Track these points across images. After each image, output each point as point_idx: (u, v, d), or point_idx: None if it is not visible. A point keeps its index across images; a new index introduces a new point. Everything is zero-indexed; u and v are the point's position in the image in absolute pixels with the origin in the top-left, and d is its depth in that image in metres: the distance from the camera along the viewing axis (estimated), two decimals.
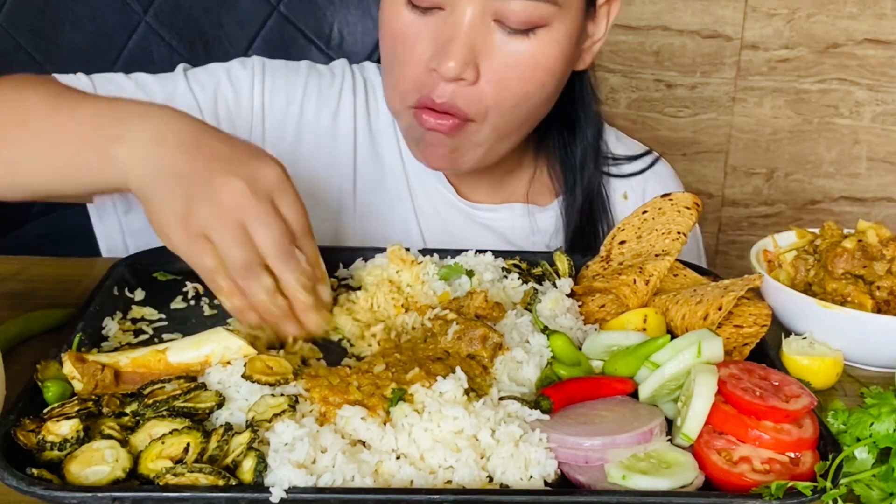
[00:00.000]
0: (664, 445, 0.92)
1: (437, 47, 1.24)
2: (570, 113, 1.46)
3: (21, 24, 1.95)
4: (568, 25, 1.27)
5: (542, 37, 1.25)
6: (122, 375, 0.97)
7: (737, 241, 2.86)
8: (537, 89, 1.29)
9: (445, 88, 1.26)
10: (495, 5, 1.22)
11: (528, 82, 1.27)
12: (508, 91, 1.27)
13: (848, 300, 1.17)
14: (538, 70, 1.27)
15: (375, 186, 1.48)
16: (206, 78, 1.45)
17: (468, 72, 1.24)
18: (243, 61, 1.48)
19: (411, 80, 1.28)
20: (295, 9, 1.98)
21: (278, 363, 0.96)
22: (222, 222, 0.97)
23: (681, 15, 2.62)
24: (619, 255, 1.26)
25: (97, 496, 0.81)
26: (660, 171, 1.56)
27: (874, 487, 0.92)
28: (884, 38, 2.63)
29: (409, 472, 0.86)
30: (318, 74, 1.50)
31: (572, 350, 1.04)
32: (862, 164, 2.77)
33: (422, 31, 1.25)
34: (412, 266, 1.18)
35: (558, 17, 1.25)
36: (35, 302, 1.19)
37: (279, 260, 0.98)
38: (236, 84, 1.45)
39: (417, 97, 1.29)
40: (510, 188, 1.51)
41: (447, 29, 1.23)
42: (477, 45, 1.24)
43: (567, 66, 1.33)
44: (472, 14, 1.22)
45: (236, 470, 0.85)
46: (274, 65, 1.49)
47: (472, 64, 1.24)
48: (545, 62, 1.27)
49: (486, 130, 1.30)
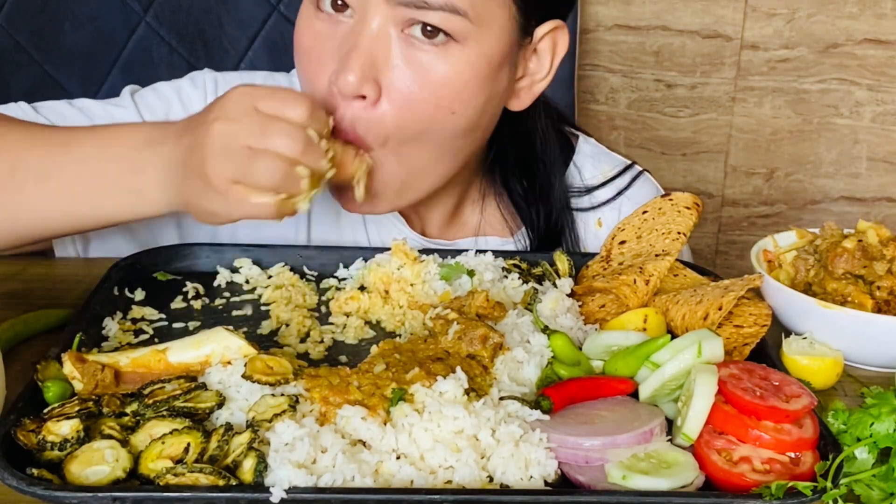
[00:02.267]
0: (664, 445, 0.92)
1: (339, 60, 1.14)
2: (525, 162, 1.38)
3: (21, 24, 1.95)
4: (486, 49, 1.15)
5: (452, 55, 1.13)
6: (122, 375, 0.97)
7: (737, 241, 2.86)
8: (446, 115, 1.15)
9: (346, 110, 1.14)
10: (401, 14, 1.11)
11: (434, 105, 1.14)
12: (412, 113, 1.14)
13: (848, 300, 1.17)
14: (445, 92, 1.14)
15: (331, 217, 1.40)
16: (156, 101, 1.37)
17: (367, 87, 1.12)
18: (194, 79, 1.40)
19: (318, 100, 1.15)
20: (295, 9, 1.97)
21: (278, 363, 0.96)
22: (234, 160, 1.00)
23: (681, 15, 2.62)
24: (620, 255, 1.26)
25: (97, 496, 0.81)
26: (634, 196, 1.44)
27: (874, 487, 0.92)
28: (884, 38, 2.63)
29: (409, 472, 0.86)
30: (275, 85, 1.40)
31: (573, 350, 1.04)
32: (862, 164, 2.77)
33: (327, 42, 1.15)
34: (415, 263, 1.18)
35: (472, 37, 1.13)
36: (35, 302, 1.19)
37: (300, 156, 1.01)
38: (188, 106, 1.37)
39: None
40: (461, 221, 1.43)
41: (350, 39, 1.13)
42: (379, 60, 1.12)
43: (487, 97, 1.18)
44: (377, 24, 1.12)
45: (236, 470, 0.85)
46: (227, 81, 1.40)
47: (373, 80, 1.12)
48: (454, 84, 1.14)
49: (389, 163, 1.17)
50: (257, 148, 0.99)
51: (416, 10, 1.11)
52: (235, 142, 0.99)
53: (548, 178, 1.40)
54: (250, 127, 1.00)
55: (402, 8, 1.11)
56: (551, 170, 1.40)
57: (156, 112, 1.36)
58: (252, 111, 1.01)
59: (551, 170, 1.40)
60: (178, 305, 1.17)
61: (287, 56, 2.04)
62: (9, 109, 1.30)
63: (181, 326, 1.13)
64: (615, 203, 1.45)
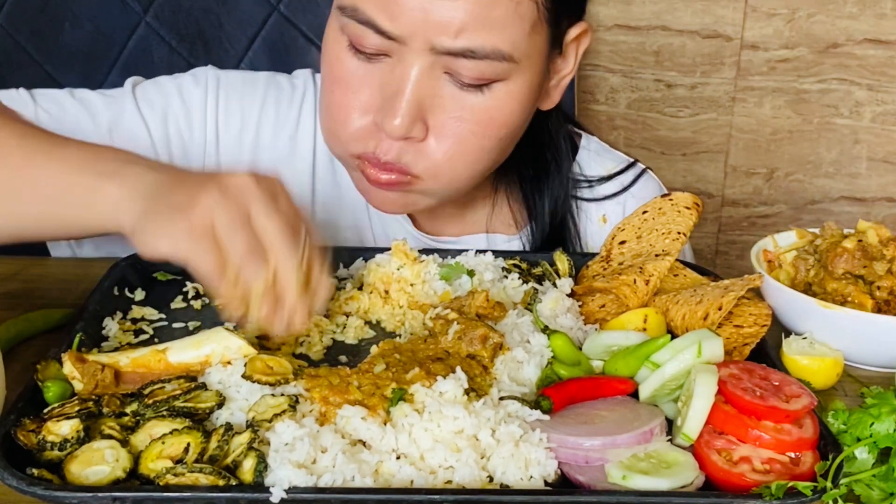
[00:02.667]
0: (664, 445, 0.92)
1: (382, 100, 1.14)
2: (536, 153, 1.39)
3: (21, 24, 1.95)
4: (528, 77, 1.17)
5: (498, 92, 1.15)
6: (122, 375, 0.97)
7: (737, 241, 2.86)
8: (493, 144, 1.19)
9: (391, 145, 1.16)
10: (445, 60, 1.11)
11: (482, 137, 1.17)
12: (459, 148, 1.17)
13: (848, 300, 1.17)
14: (493, 125, 1.17)
15: (334, 211, 1.41)
16: (156, 96, 1.36)
17: (416, 129, 1.14)
18: (196, 76, 1.39)
19: (354, 132, 1.18)
20: (295, 9, 1.98)
21: (278, 363, 0.96)
22: (228, 205, 0.92)
23: (681, 15, 2.62)
24: (620, 255, 1.26)
25: (97, 496, 0.81)
26: (638, 193, 1.45)
27: (874, 487, 0.92)
28: (884, 38, 2.63)
29: (409, 472, 0.86)
30: (278, 89, 1.41)
31: (573, 350, 1.04)
32: (862, 164, 2.77)
33: (366, 79, 1.15)
34: (414, 263, 1.18)
35: (517, 71, 1.14)
36: (35, 302, 1.19)
37: (281, 247, 0.93)
38: (188, 102, 1.36)
39: (361, 151, 1.19)
40: (471, 219, 1.43)
41: (393, 81, 1.13)
42: (425, 100, 1.13)
43: (527, 114, 1.23)
44: (421, 67, 1.11)
45: (236, 470, 0.85)
46: (230, 80, 1.39)
47: (420, 120, 1.14)
48: (501, 117, 1.17)
49: (436, 186, 1.21)
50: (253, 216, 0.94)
51: (463, 58, 1.11)
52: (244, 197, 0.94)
53: (557, 165, 1.40)
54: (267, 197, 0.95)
55: (447, 56, 1.11)
56: (559, 158, 1.40)
57: (155, 106, 1.35)
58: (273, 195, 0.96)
59: (559, 158, 1.40)
60: (178, 305, 1.17)
61: (287, 56, 2.05)
62: (8, 95, 1.29)
63: (181, 326, 1.13)
64: (619, 199, 1.45)
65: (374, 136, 1.17)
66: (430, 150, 1.17)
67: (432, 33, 1.09)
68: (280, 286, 0.94)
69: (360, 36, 1.13)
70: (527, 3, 1.12)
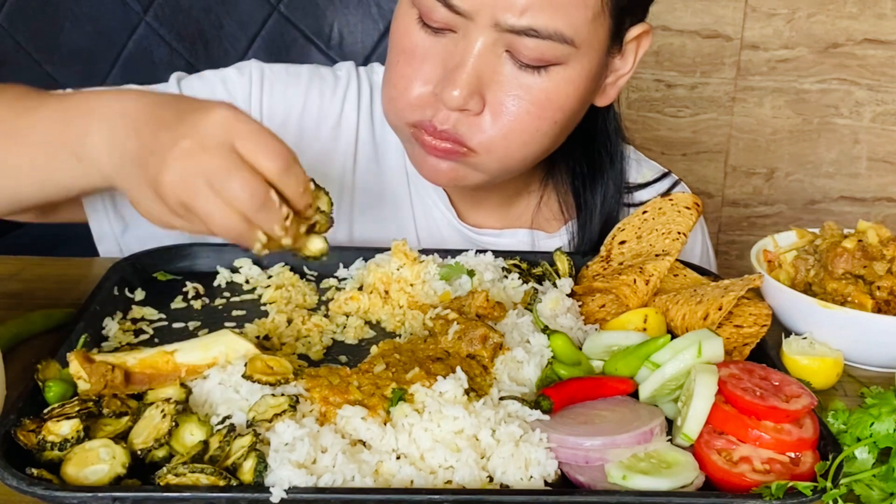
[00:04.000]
0: (664, 445, 0.92)
1: (444, 71, 1.18)
2: (589, 149, 1.40)
3: (21, 24, 1.96)
4: (586, 64, 1.20)
5: (555, 74, 1.18)
6: (130, 376, 0.97)
7: (737, 241, 2.86)
8: (548, 126, 1.22)
9: (449, 116, 1.19)
10: (507, 38, 1.15)
11: (538, 118, 1.20)
12: (515, 126, 1.20)
13: (848, 300, 1.17)
14: (549, 107, 1.20)
15: (375, 200, 1.43)
16: (201, 87, 1.38)
17: (472, 102, 1.17)
18: (240, 68, 1.42)
19: (413, 100, 1.22)
20: (295, 9, 1.98)
21: (278, 363, 0.96)
22: (189, 188, 0.90)
23: (681, 15, 2.62)
24: (620, 255, 1.26)
25: (97, 496, 0.81)
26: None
27: (874, 487, 0.92)
28: (884, 38, 2.63)
29: (409, 472, 0.86)
30: (321, 80, 1.43)
31: (573, 350, 1.04)
32: (862, 164, 2.77)
33: (431, 52, 1.19)
34: (414, 263, 1.18)
35: (576, 57, 1.18)
36: (35, 302, 1.19)
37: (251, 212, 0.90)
38: (233, 92, 1.38)
39: (418, 119, 1.22)
40: (515, 212, 1.45)
41: (457, 54, 1.17)
42: (485, 75, 1.17)
43: (583, 103, 1.26)
44: (484, 43, 1.16)
45: (237, 471, 0.84)
46: (274, 71, 1.42)
47: (478, 94, 1.18)
48: (557, 100, 1.20)
49: (489, 161, 1.24)
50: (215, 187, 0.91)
51: (525, 37, 1.14)
52: (196, 170, 0.91)
53: (611, 164, 1.42)
54: (217, 162, 0.91)
55: (511, 34, 1.14)
56: (614, 156, 1.42)
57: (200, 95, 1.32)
58: (225, 145, 0.92)
59: (614, 156, 1.42)
60: (178, 305, 1.17)
61: (287, 56, 2.05)
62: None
63: (181, 326, 1.13)
64: None
65: (433, 105, 1.20)
66: (486, 125, 1.20)
67: (499, 9, 1.13)
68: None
69: (429, 9, 1.17)
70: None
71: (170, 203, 0.92)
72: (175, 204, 0.92)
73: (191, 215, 0.92)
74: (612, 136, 1.41)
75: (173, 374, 0.96)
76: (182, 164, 0.91)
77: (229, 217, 0.90)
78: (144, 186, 0.94)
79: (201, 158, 0.91)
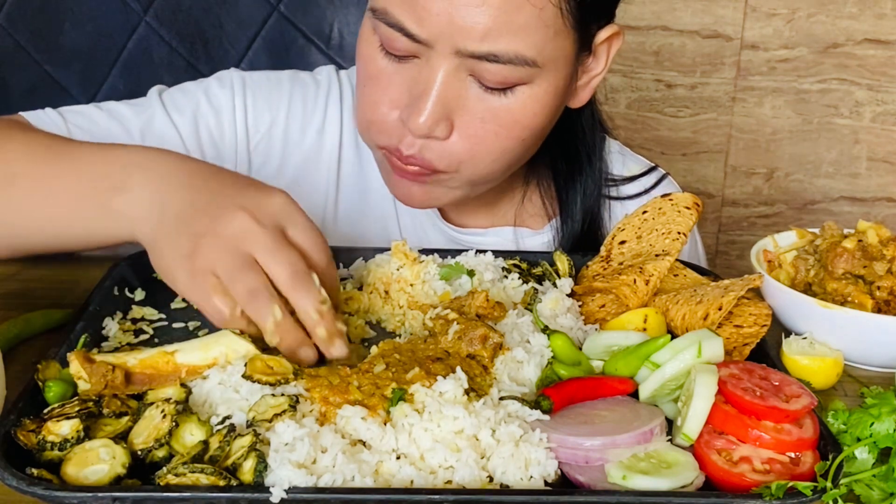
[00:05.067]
0: (664, 445, 0.92)
1: (410, 98, 1.18)
2: (568, 145, 1.40)
3: (21, 24, 1.95)
4: (552, 81, 1.19)
5: (521, 94, 1.18)
6: (130, 376, 0.97)
7: (737, 241, 2.86)
8: (516, 143, 1.22)
9: (414, 142, 1.19)
10: (470, 63, 1.14)
11: (506, 139, 1.20)
12: (483, 147, 1.20)
13: (848, 300, 1.17)
14: (516, 127, 1.20)
15: (359, 203, 1.43)
16: (184, 101, 1.38)
17: (439, 129, 1.17)
18: (221, 78, 1.41)
19: (380, 125, 1.22)
20: (295, 9, 1.98)
21: (278, 363, 0.96)
22: (227, 254, 0.94)
23: (681, 15, 2.62)
24: (619, 255, 1.26)
25: (97, 496, 0.81)
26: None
27: (874, 487, 0.92)
28: (884, 38, 2.63)
29: (409, 472, 0.86)
30: (303, 86, 1.43)
31: (573, 350, 1.04)
32: (862, 164, 2.77)
33: (395, 78, 1.19)
34: (414, 263, 1.18)
35: (541, 75, 1.17)
36: (35, 302, 1.19)
37: (292, 287, 0.95)
38: (216, 105, 1.39)
39: (385, 142, 1.23)
40: (499, 211, 1.45)
41: (421, 81, 1.17)
42: (451, 101, 1.17)
43: (552, 116, 1.25)
44: (447, 69, 1.15)
45: (237, 471, 0.84)
46: (254, 80, 1.42)
47: (445, 119, 1.17)
48: (524, 119, 1.20)
49: (459, 180, 1.24)
50: (261, 259, 0.95)
51: (487, 62, 1.14)
52: (247, 242, 0.95)
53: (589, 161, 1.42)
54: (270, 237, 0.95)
55: (472, 60, 1.14)
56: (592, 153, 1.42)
57: (184, 111, 1.37)
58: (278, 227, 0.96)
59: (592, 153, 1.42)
60: (178, 305, 1.17)
61: (287, 56, 2.05)
62: (36, 116, 1.30)
63: (181, 326, 1.13)
64: (641, 200, 1.45)
65: (400, 131, 1.20)
66: (453, 148, 1.20)
67: (457, 37, 1.12)
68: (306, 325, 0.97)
69: (390, 38, 1.16)
70: (551, 9, 1.14)
71: (198, 264, 0.95)
72: (202, 265, 0.95)
73: (209, 281, 0.95)
74: (589, 132, 1.41)
75: (174, 375, 0.96)
76: (232, 231, 0.95)
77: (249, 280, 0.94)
78: (182, 241, 0.97)
79: (252, 231, 0.95)
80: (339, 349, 0.99)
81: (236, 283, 0.94)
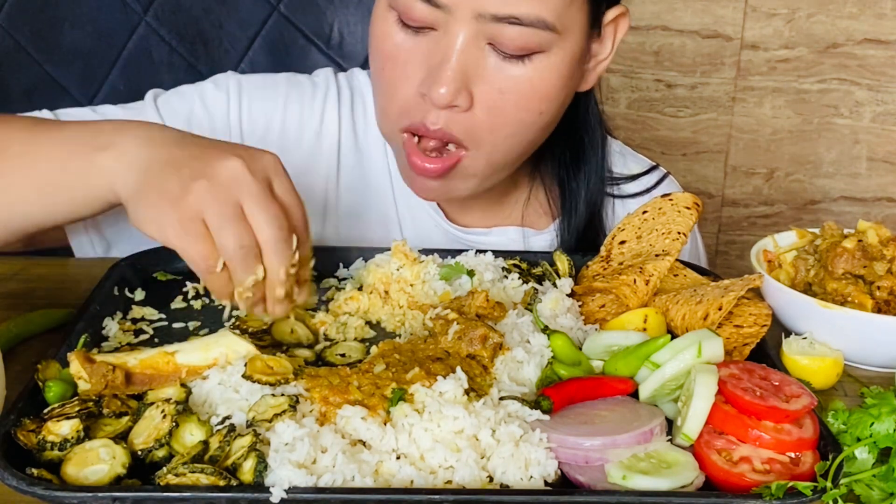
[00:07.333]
0: (664, 445, 0.92)
1: (428, 70, 1.18)
2: (572, 137, 1.41)
3: (21, 24, 1.95)
4: (568, 51, 1.20)
5: (539, 63, 1.19)
6: (130, 376, 0.97)
7: (737, 241, 2.86)
8: (535, 117, 1.23)
9: (439, 115, 1.19)
10: (489, 29, 1.15)
11: (525, 109, 1.21)
12: (503, 118, 1.21)
13: (848, 300, 1.17)
14: (535, 97, 1.21)
15: (359, 206, 1.43)
16: (179, 103, 1.38)
17: (460, 98, 1.17)
18: (216, 81, 1.41)
19: (402, 104, 1.22)
20: (295, 9, 1.98)
21: (278, 363, 0.96)
22: (218, 201, 0.94)
23: (681, 15, 2.62)
24: (620, 255, 1.26)
25: (97, 496, 0.81)
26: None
27: (874, 487, 0.92)
28: (884, 38, 2.63)
29: (409, 472, 0.86)
30: (300, 88, 1.43)
31: (573, 350, 1.04)
32: (862, 164, 2.77)
33: (413, 52, 1.19)
34: (414, 264, 1.18)
35: (557, 44, 1.18)
36: (35, 302, 1.19)
37: (273, 248, 0.95)
38: (211, 108, 1.39)
39: (409, 122, 1.22)
40: (504, 211, 1.45)
41: (439, 52, 1.17)
42: (470, 70, 1.17)
43: (568, 91, 1.26)
44: (465, 36, 1.15)
45: (237, 471, 0.84)
46: (250, 83, 1.42)
47: (465, 90, 1.17)
48: (542, 89, 1.21)
49: (480, 161, 1.24)
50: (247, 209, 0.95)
51: (507, 25, 1.14)
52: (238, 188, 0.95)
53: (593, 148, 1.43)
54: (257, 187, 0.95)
55: (492, 23, 1.14)
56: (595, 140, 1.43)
57: (178, 114, 1.37)
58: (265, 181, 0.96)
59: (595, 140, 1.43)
60: (178, 305, 1.17)
61: (287, 56, 2.04)
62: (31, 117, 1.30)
63: (181, 326, 1.13)
64: (643, 199, 1.46)
65: (422, 107, 1.20)
66: (475, 119, 1.20)
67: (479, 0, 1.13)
68: (269, 282, 0.97)
69: (408, 7, 1.17)
70: None
71: (187, 207, 0.94)
72: (192, 209, 0.94)
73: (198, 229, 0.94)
74: (594, 124, 1.42)
75: (174, 375, 0.96)
76: (224, 175, 0.95)
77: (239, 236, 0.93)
78: (171, 183, 0.96)
79: (244, 178, 0.95)
80: (282, 309, 1.00)
81: (227, 235, 0.94)
